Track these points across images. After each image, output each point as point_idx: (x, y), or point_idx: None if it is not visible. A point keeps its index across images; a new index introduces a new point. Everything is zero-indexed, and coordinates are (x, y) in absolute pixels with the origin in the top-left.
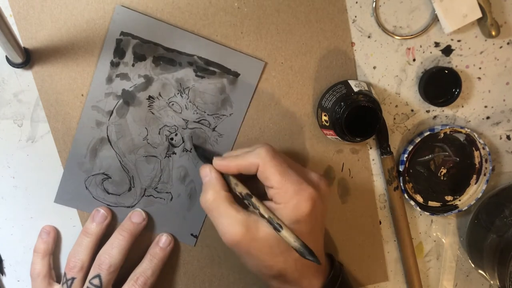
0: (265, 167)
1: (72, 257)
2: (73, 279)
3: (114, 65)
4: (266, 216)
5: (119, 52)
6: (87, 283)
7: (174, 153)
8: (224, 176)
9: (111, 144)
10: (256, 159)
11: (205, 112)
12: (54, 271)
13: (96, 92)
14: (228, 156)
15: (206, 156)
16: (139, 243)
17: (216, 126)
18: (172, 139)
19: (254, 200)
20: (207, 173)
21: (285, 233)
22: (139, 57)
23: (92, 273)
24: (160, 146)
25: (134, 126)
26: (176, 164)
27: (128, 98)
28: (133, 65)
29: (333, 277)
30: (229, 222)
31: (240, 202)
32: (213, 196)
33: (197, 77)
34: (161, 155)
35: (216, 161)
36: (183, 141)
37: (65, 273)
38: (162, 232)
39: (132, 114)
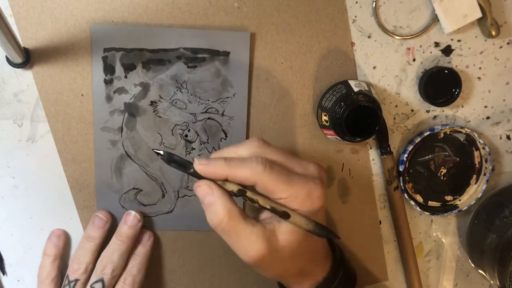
0: (266, 183)
1: (75, 260)
2: (76, 281)
3: (108, 82)
4: (268, 206)
5: (109, 68)
6: (88, 287)
7: (193, 148)
8: None
9: (131, 159)
10: (253, 177)
11: (209, 100)
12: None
13: (100, 113)
14: (216, 159)
15: (177, 162)
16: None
17: (224, 111)
18: (186, 136)
19: (249, 194)
20: (208, 191)
21: (294, 218)
22: (128, 67)
23: (94, 278)
24: (177, 146)
25: (146, 135)
26: None
27: (132, 110)
28: (125, 76)
29: (339, 255)
30: (250, 240)
31: (250, 212)
32: (227, 217)
33: (189, 68)
34: (181, 154)
35: (198, 165)
36: (198, 135)
37: (67, 276)
38: (204, 229)
39: (141, 124)
